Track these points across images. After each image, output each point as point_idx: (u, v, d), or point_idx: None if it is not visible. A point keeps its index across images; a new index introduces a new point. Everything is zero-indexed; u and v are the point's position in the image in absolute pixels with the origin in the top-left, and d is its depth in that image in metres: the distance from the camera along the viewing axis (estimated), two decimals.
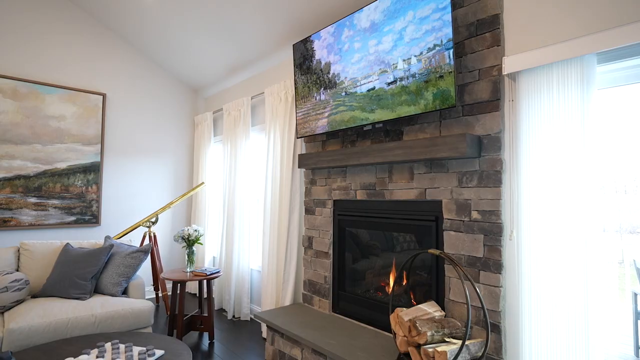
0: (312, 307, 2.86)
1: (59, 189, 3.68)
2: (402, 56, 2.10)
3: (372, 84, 2.28)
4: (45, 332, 2.26)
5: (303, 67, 2.79)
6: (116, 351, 1.79)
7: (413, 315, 1.86)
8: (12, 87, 3.43)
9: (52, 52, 3.66)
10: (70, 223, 3.73)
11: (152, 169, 4.35)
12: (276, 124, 3.25)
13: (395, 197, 2.32)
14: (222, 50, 3.68)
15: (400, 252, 2.41)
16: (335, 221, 2.76)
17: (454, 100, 1.88)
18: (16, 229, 3.45)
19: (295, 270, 3.06)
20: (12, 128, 3.42)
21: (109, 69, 4.02)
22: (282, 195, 3.16)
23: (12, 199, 3.43)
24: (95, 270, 2.69)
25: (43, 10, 3.59)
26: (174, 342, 2.00)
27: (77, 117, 3.78)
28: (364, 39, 2.31)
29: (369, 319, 2.45)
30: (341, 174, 2.70)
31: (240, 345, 2.98)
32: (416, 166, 2.21)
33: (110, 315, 2.49)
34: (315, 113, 2.71)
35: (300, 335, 2.27)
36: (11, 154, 3.42)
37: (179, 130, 4.61)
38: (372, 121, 2.31)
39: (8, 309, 2.43)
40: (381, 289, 2.49)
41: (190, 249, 3.11)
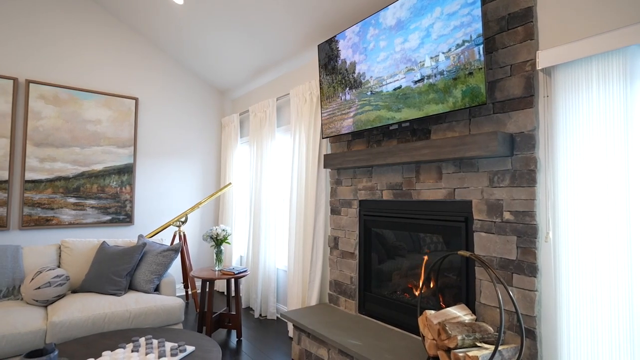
0: (338, 307, 2.85)
1: (96, 190, 3.86)
2: (430, 53, 2.06)
3: (399, 83, 2.25)
4: (84, 326, 2.37)
5: (328, 67, 2.79)
6: (150, 346, 1.86)
7: (442, 318, 1.82)
8: (54, 93, 3.63)
9: (89, 60, 3.85)
10: (105, 222, 3.90)
11: (181, 170, 4.49)
12: (301, 124, 3.27)
13: (422, 197, 2.28)
14: (249, 53, 3.74)
15: (428, 254, 2.36)
16: (360, 221, 2.75)
17: (484, 98, 1.83)
18: (57, 227, 3.65)
19: (321, 271, 3.06)
20: (53, 132, 3.62)
21: (141, 74, 4.18)
22: (307, 196, 3.17)
23: (54, 199, 3.63)
24: (129, 267, 2.80)
25: (80, 21, 3.78)
26: (204, 339, 2.05)
27: (112, 120, 3.96)
28: (390, 37, 2.28)
29: (395, 321, 2.42)
30: (367, 174, 2.68)
31: (267, 343, 3.02)
32: (444, 166, 2.16)
33: (144, 311, 2.59)
34: (341, 113, 2.70)
35: (326, 336, 2.27)
36: (53, 157, 3.62)
37: (207, 132, 4.73)
38: (398, 120, 2.28)
39: (51, 303, 2.57)
40: (408, 290, 2.45)
41: (219, 248, 3.18)
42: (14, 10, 3.44)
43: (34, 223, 3.51)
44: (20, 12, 3.47)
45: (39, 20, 3.56)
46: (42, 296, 2.51)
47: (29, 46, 3.52)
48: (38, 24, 3.56)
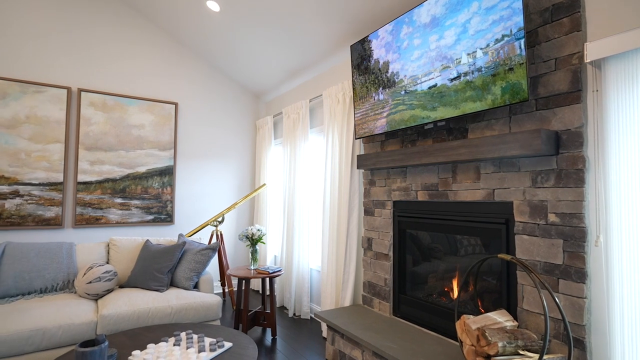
0: (372, 309, 2.83)
1: (140, 191, 4.08)
2: (466, 50, 1.99)
3: (434, 81, 2.19)
4: (130, 319, 2.52)
5: (361, 67, 2.78)
6: (190, 341, 1.94)
7: (482, 323, 1.76)
8: (102, 100, 3.87)
9: (133, 68, 4.08)
10: (148, 221, 4.11)
11: (218, 172, 4.64)
12: (334, 125, 3.28)
13: (459, 198, 2.21)
14: (282, 56, 3.80)
15: (465, 256, 2.28)
16: (395, 222, 2.71)
17: (526, 94, 1.74)
18: (105, 226, 3.90)
19: (355, 271, 3.05)
20: (102, 137, 3.87)
21: (180, 80, 4.37)
22: (341, 196, 3.17)
23: (102, 199, 3.87)
24: (170, 265, 2.93)
25: (125, 32, 4.01)
26: (241, 336, 2.11)
27: (154, 125, 4.17)
28: (424, 35, 2.24)
29: (431, 325, 2.36)
30: (401, 175, 2.64)
31: (301, 343, 3.05)
32: (483, 165, 2.08)
33: (184, 307, 2.70)
34: (374, 113, 2.68)
35: (361, 337, 2.26)
36: (101, 160, 3.87)
37: (242, 134, 4.86)
38: (433, 119, 2.22)
39: (100, 297, 2.75)
40: (445, 294, 2.38)
41: (254, 247, 3.26)
42: (68, 27, 3.71)
43: (85, 222, 3.77)
44: (72, 28, 3.74)
45: (89, 33, 3.82)
46: (93, 290, 2.69)
47: (80, 58, 3.78)
48: (88, 37, 3.82)
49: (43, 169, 3.57)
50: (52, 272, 2.80)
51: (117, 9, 3.96)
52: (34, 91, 3.53)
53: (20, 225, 3.45)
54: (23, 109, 3.48)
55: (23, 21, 3.51)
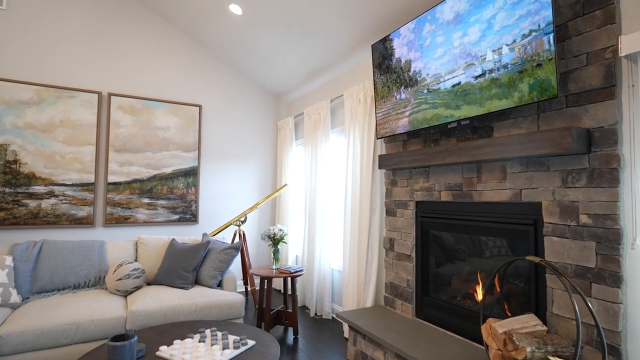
0: (395, 310, 2.80)
1: (165, 191, 4.20)
2: (492, 46, 1.94)
3: (457, 79, 2.15)
4: (157, 315, 2.60)
5: (382, 66, 2.76)
6: (214, 338, 1.98)
7: (509, 327, 1.71)
8: (130, 104, 4.02)
9: (159, 72, 4.20)
10: (174, 221, 4.23)
11: (240, 172, 4.71)
12: (355, 125, 3.27)
13: (484, 198, 2.16)
14: (303, 57, 3.83)
15: (490, 258, 2.23)
16: (417, 223, 2.67)
17: (555, 91, 1.68)
18: (134, 225, 4.03)
19: (377, 272, 3.03)
20: (130, 139, 4.01)
21: (204, 83, 4.48)
22: (362, 197, 3.16)
23: (131, 199, 4.01)
24: (195, 263, 3.00)
25: (151, 37, 4.15)
26: (263, 334, 2.14)
27: (179, 127, 4.28)
28: (448, 32, 2.20)
29: (456, 328, 2.31)
30: (424, 175, 2.61)
31: (322, 342, 3.06)
32: (509, 165, 2.02)
33: (208, 305, 2.76)
34: (396, 113, 2.66)
35: (383, 339, 2.25)
36: (130, 161, 4.01)
37: (264, 135, 4.92)
38: (457, 118, 2.18)
39: (129, 293, 2.85)
40: (470, 296, 2.33)
41: (276, 247, 3.29)
42: (98, 35, 3.87)
43: (114, 221, 3.92)
44: (102, 35, 3.89)
45: (117, 40, 3.97)
46: (123, 287, 2.79)
47: (110, 64, 3.93)
48: (117, 44, 3.97)
49: (76, 170, 3.73)
50: (84, 268, 2.93)
51: (144, 15, 4.10)
52: (67, 96, 3.70)
53: (55, 224, 3.63)
54: (58, 114, 3.66)
55: (58, 31, 3.69)
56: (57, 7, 3.68)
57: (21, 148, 3.50)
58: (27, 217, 3.51)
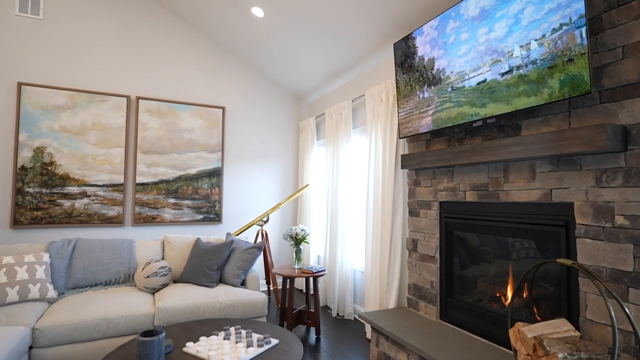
0: (418, 312, 2.76)
1: (190, 191, 4.30)
2: (519, 42, 1.89)
3: (483, 76, 2.10)
4: (183, 313, 2.66)
5: (404, 65, 2.72)
6: (239, 335, 2.01)
7: (538, 332, 1.65)
8: (157, 107, 4.14)
9: (184, 76, 4.32)
10: (199, 221, 4.33)
11: (262, 173, 4.77)
12: (377, 125, 3.25)
13: (511, 198, 2.09)
14: (324, 57, 3.83)
15: (517, 260, 2.16)
16: (441, 224, 2.62)
17: (588, 86, 1.61)
18: (160, 224, 4.16)
19: (399, 273, 3.00)
20: (157, 141, 4.14)
21: (227, 85, 4.56)
22: (384, 197, 3.13)
23: (158, 199, 4.14)
24: (219, 262, 3.06)
25: (177, 42, 4.26)
26: (286, 333, 2.15)
27: (203, 129, 4.38)
28: (473, 29, 2.15)
29: (481, 331, 2.26)
30: (448, 174, 2.56)
31: (344, 343, 3.05)
32: (539, 164, 1.96)
33: (232, 303, 2.81)
34: (419, 112, 2.62)
35: (406, 341, 2.22)
36: (157, 163, 4.13)
37: (285, 136, 4.96)
38: (483, 116, 2.13)
39: (157, 291, 2.94)
40: (496, 299, 2.27)
41: (298, 247, 3.31)
42: (126, 41, 4.01)
43: (142, 220, 4.05)
44: (130, 41, 4.04)
45: (145, 46, 4.10)
46: (151, 284, 2.88)
47: (138, 68, 4.07)
48: (144, 49, 4.10)
49: (106, 172, 3.88)
50: (115, 266, 3.04)
51: (170, 21, 4.22)
52: (98, 100, 3.86)
53: (88, 223, 3.79)
54: (90, 117, 3.82)
55: (90, 39, 3.85)
56: (89, 16, 3.85)
57: (56, 150, 3.68)
58: (61, 216, 3.68)
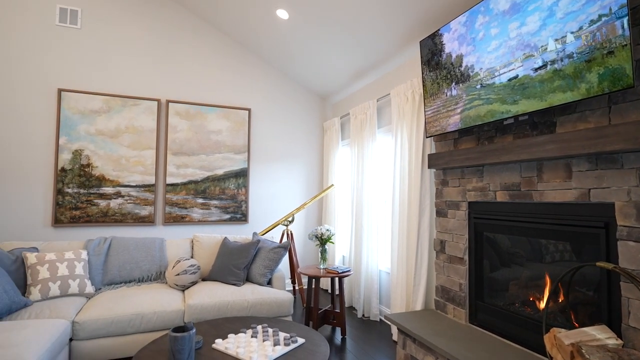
0: (446, 315, 2.70)
1: (218, 192, 4.40)
2: (554, 35, 1.81)
3: (514, 72, 2.03)
4: (211, 310, 2.73)
5: (431, 63, 2.67)
6: (266, 334, 2.04)
7: (576, 339, 1.57)
8: (186, 110, 4.27)
9: (212, 78, 4.42)
10: (226, 220, 4.42)
11: (287, 173, 4.82)
12: (403, 124, 3.20)
13: (546, 198, 2.01)
14: (348, 57, 3.82)
15: (551, 263, 2.07)
16: (470, 224, 2.55)
17: (630, 80, 1.53)
18: (189, 223, 4.28)
19: (427, 275, 2.94)
20: (186, 143, 4.26)
21: (252, 86, 4.64)
22: (411, 197, 3.09)
23: (187, 199, 4.26)
24: (246, 261, 3.12)
25: (204, 46, 4.38)
26: (313, 333, 2.16)
27: (230, 130, 4.47)
28: (503, 23, 2.08)
29: (513, 336, 2.18)
30: (477, 174, 2.49)
31: (370, 344, 3.03)
32: (575, 162, 1.87)
33: (259, 301, 2.85)
34: (446, 110, 2.56)
35: (435, 344, 2.17)
36: (186, 164, 4.26)
37: (310, 137, 4.98)
38: (514, 114, 2.05)
39: (187, 288, 3.02)
40: (530, 303, 2.18)
41: (323, 247, 3.32)
42: (157, 47, 4.16)
43: (172, 220, 4.18)
44: (160, 47, 4.18)
45: (173, 50, 4.24)
46: (181, 282, 2.97)
47: (167, 72, 4.21)
48: (173, 53, 4.24)
49: (139, 173, 4.04)
50: (147, 264, 3.16)
51: (197, 26, 4.33)
52: (131, 104, 4.02)
53: (122, 222, 3.95)
54: (123, 121, 3.98)
55: (123, 46, 4.02)
56: (122, 24, 4.02)
57: (93, 153, 3.86)
58: (98, 215, 3.86)
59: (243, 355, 1.79)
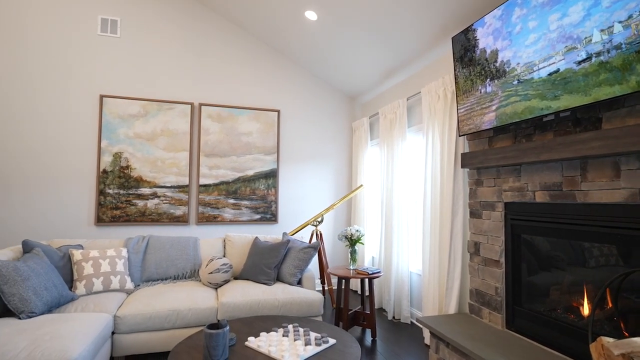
0: (481, 319, 2.61)
1: (248, 192, 4.49)
2: (600, 26, 1.70)
3: (555, 66, 1.93)
4: (243, 308, 2.78)
5: (464, 59, 2.59)
6: (297, 333, 2.05)
7: (627, 349, 1.47)
8: (217, 112, 4.38)
9: (242, 81, 4.52)
10: (256, 220, 4.50)
11: (316, 173, 4.83)
12: (434, 123, 3.13)
13: (591, 199, 1.89)
14: (377, 56, 3.79)
15: (596, 268, 1.95)
16: (507, 226, 2.45)
17: None
18: (221, 223, 4.39)
19: (460, 277, 2.86)
20: (218, 145, 4.38)
21: (281, 88, 4.69)
22: (443, 197, 3.01)
23: (219, 200, 4.37)
24: (277, 261, 3.16)
25: (236, 50, 4.48)
26: (343, 334, 2.16)
27: (260, 132, 4.55)
28: (542, 15, 1.98)
29: (555, 343, 2.07)
30: (514, 173, 2.39)
31: (401, 347, 2.98)
32: (624, 160, 1.75)
33: (289, 301, 2.88)
34: (480, 107, 2.48)
35: (470, 349, 2.11)
36: (218, 165, 4.37)
37: (339, 137, 4.98)
38: (555, 110, 1.95)
39: (219, 286, 3.10)
40: (573, 309, 2.07)
41: (353, 248, 3.30)
42: (190, 51, 4.30)
43: (205, 219, 4.30)
44: (193, 51, 4.32)
45: (205, 54, 4.37)
46: (214, 280, 3.05)
47: (199, 76, 4.35)
48: (205, 58, 4.36)
49: (174, 174, 4.19)
50: (182, 262, 3.27)
51: (228, 29, 4.44)
52: (166, 108, 4.18)
53: (158, 221, 4.11)
54: (159, 124, 4.15)
55: (158, 52, 4.18)
56: (157, 32, 4.18)
57: (131, 155, 4.05)
58: (136, 215, 4.04)
59: (275, 354, 1.81)
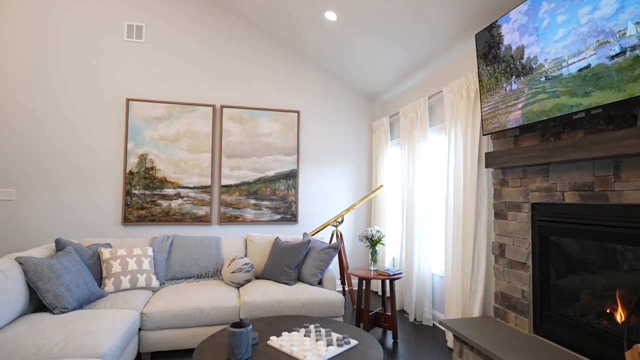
0: (507, 323, 2.54)
1: (269, 193, 4.53)
2: (634, 18, 1.63)
3: (586, 62, 1.85)
4: (265, 308, 2.81)
5: (488, 56, 2.53)
6: (318, 333, 2.06)
7: None
8: (238, 114, 4.45)
9: (262, 83, 4.57)
10: (276, 220, 4.53)
11: (336, 174, 4.83)
12: (457, 122, 3.07)
13: (625, 199, 1.81)
14: (398, 55, 3.75)
15: (629, 272, 1.86)
16: (534, 227, 2.38)
17: None
18: (242, 223, 4.45)
19: (484, 280, 2.79)
20: (239, 146, 4.44)
21: (301, 89, 4.71)
22: (466, 198, 2.95)
23: (240, 200, 4.43)
24: (297, 261, 3.17)
25: (255, 52, 4.53)
26: (365, 335, 2.14)
27: (280, 132, 4.58)
28: (572, 9, 1.91)
29: (587, 350, 1.99)
30: (541, 173, 2.31)
31: (424, 350, 2.93)
32: None
33: (310, 301, 2.88)
34: (505, 106, 2.41)
35: (497, 354, 2.05)
36: (239, 166, 4.43)
37: (359, 137, 4.96)
38: (586, 107, 1.88)
39: (241, 286, 3.14)
40: (606, 315, 1.98)
41: (374, 248, 3.28)
42: (211, 55, 4.38)
43: (227, 220, 4.37)
44: (214, 54, 4.40)
45: (226, 57, 4.44)
46: (236, 279, 3.09)
47: (221, 79, 4.42)
48: (226, 60, 4.44)
49: (196, 175, 4.28)
50: (205, 261, 3.33)
51: (246, 31, 4.50)
52: (189, 111, 4.27)
53: (182, 221, 4.21)
54: (182, 126, 4.25)
55: (181, 56, 4.28)
56: (180, 36, 4.29)
57: (156, 157, 4.16)
58: (160, 215, 4.15)
59: (297, 354, 1.82)
